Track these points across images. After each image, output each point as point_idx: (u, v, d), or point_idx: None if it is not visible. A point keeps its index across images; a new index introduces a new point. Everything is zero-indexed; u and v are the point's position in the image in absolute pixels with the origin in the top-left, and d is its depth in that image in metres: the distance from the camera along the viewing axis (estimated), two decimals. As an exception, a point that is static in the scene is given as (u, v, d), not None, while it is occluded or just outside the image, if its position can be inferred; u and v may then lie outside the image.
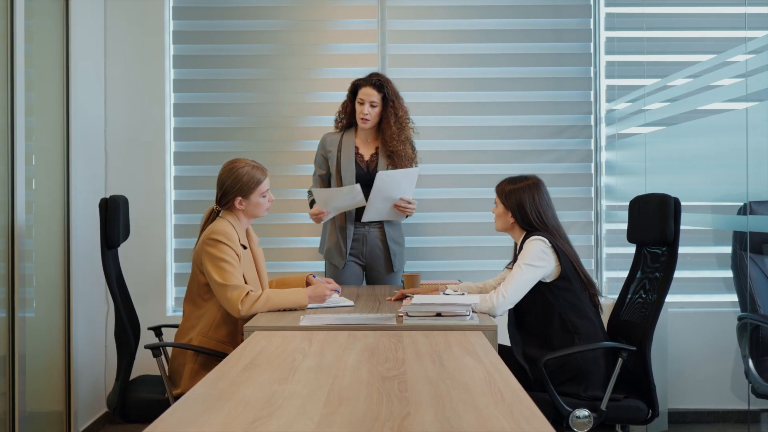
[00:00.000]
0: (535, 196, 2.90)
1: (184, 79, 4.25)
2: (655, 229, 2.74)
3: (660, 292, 2.72)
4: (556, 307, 2.78)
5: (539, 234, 2.82)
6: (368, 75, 3.60)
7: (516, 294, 2.75)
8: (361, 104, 3.55)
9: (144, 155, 4.15)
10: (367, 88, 3.54)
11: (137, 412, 2.78)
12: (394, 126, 3.56)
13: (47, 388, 3.55)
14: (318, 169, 3.73)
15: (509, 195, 2.93)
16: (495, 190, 3.00)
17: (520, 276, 2.74)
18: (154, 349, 2.73)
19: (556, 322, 2.77)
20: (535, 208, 2.89)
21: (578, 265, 2.84)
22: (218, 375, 1.86)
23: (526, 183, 2.93)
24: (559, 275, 2.79)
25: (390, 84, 3.58)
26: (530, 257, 2.76)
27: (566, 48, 4.26)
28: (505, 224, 2.97)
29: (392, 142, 3.56)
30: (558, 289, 2.79)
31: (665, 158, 3.78)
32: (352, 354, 2.09)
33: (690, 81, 3.83)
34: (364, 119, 3.56)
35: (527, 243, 2.81)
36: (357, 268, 3.67)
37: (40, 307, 3.46)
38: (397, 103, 3.58)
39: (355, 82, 3.62)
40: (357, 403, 1.61)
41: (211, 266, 2.74)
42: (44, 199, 3.54)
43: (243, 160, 2.91)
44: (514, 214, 2.91)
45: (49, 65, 3.63)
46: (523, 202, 2.89)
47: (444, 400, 1.64)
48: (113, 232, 2.84)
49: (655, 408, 2.70)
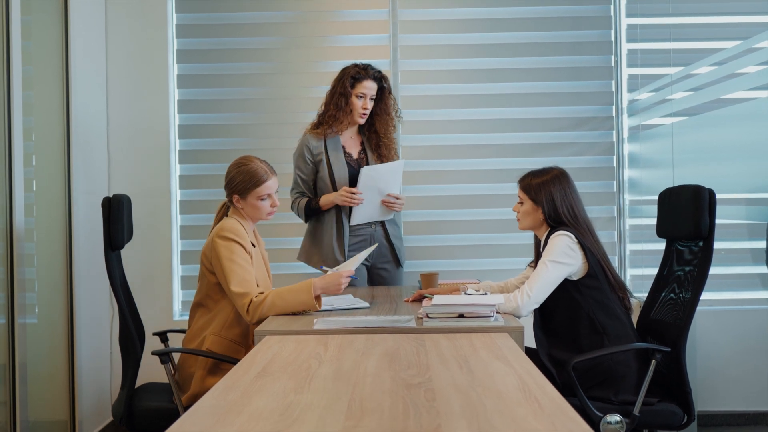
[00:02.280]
0: (566, 188, 2.75)
1: (188, 75, 4.13)
2: (688, 222, 2.60)
3: (695, 289, 2.57)
4: (584, 306, 2.64)
5: (565, 229, 2.67)
6: (363, 66, 3.39)
7: (541, 293, 2.61)
8: (361, 98, 3.37)
9: (148, 154, 4.04)
10: (369, 81, 3.36)
11: (144, 422, 2.67)
12: (388, 114, 3.44)
13: (50, 397, 3.46)
14: (300, 175, 3.45)
15: (538, 189, 2.75)
16: (519, 185, 2.83)
17: (546, 274, 2.60)
18: (162, 356, 2.61)
19: (584, 322, 2.63)
20: (567, 203, 2.73)
21: (607, 264, 2.69)
22: (228, 384, 1.73)
23: (553, 174, 2.77)
24: (587, 273, 2.65)
25: (385, 76, 3.46)
26: (556, 254, 2.61)
27: (585, 36, 4.11)
28: (534, 222, 2.79)
29: (385, 132, 3.44)
30: (585, 287, 2.65)
31: (695, 149, 3.64)
32: (371, 359, 1.96)
33: (715, 69, 3.69)
34: (363, 114, 3.39)
35: (552, 239, 2.67)
36: (362, 268, 3.51)
37: (42, 312, 3.39)
38: (391, 95, 3.49)
39: (353, 75, 3.36)
40: (381, 415, 1.48)
41: (221, 268, 2.63)
42: (45, 200, 3.46)
43: (254, 158, 2.79)
44: (544, 210, 2.74)
45: (48, 62, 3.54)
46: (553, 197, 2.73)
47: (477, 410, 1.50)
48: (117, 232, 2.73)
49: (691, 412, 2.56)
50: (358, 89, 3.35)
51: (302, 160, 3.44)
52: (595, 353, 2.53)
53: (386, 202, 3.38)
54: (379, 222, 3.48)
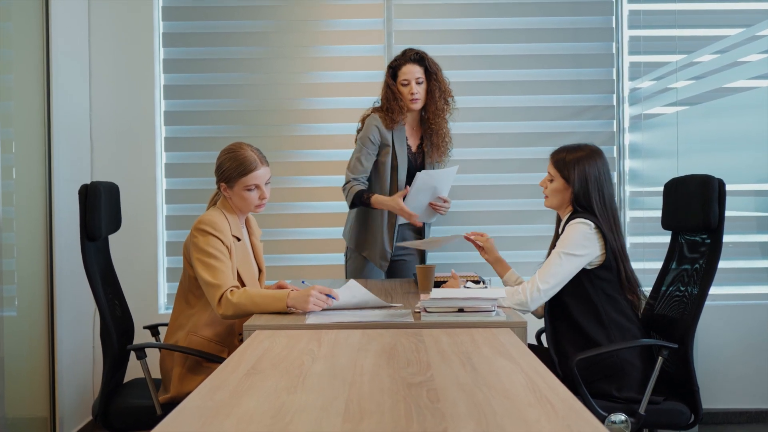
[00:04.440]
0: (600, 168, 2.59)
1: (174, 59, 4.01)
2: (696, 213, 2.50)
3: (703, 283, 2.48)
4: (594, 297, 2.53)
5: (586, 216, 2.53)
6: (401, 52, 3.31)
7: (554, 288, 2.51)
8: (406, 85, 3.24)
9: (132, 141, 3.92)
10: (409, 66, 3.24)
11: (122, 420, 2.55)
12: (439, 101, 3.29)
13: (29, 393, 3.37)
14: (360, 158, 3.30)
15: (572, 166, 2.58)
16: (550, 160, 2.66)
17: (559, 267, 2.49)
18: (138, 351, 2.50)
19: (592, 314, 2.52)
20: (599, 186, 2.57)
21: (623, 259, 2.56)
22: (216, 383, 1.61)
23: (589, 150, 2.61)
24: (602, 264, 2.52)
25: (428, 56, 3.29)
26: (570, 244, 2.49)
27: (586, 22, 4.01)
28: (562, 201, 2.63)
29: (435, 120, 3.30)
30: (597, 278, 2.53)
31: (700, 139, 3.54)
32: (368, 356, 1.85)
33: (719, 56, 3.59)
34: (414, 99, 3.24)
35: (570, 226, 2.53)
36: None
37: (22, 305, 3.31)
38: (440, 75, 3.31)
39: (390, 64, 3.31)
40: (382, 417, 1.38)
41: (196, 260, 2.49)
42: (25, 189, 3.37)
43: (246, 145, 2.64)
44: (574, 190, 2.57)
45: (28, 45, 3.42)
46: (587, 176, 2.57)
47: (485, 411, 1.40)
48: (94, 222, 2.60)
49: (698, 412, 2.47)
50: (400, 77, 3.25)
51: (369, 141, 3.29)
52: (600, 350, 2.43)
53: (434, 205, 3.27)
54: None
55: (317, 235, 3.99)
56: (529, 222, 3.97)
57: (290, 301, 2.40)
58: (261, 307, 2.40)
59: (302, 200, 4.01)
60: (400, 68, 3.25)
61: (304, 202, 4.01)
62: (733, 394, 3.79)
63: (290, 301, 2.40)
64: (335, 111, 3.99)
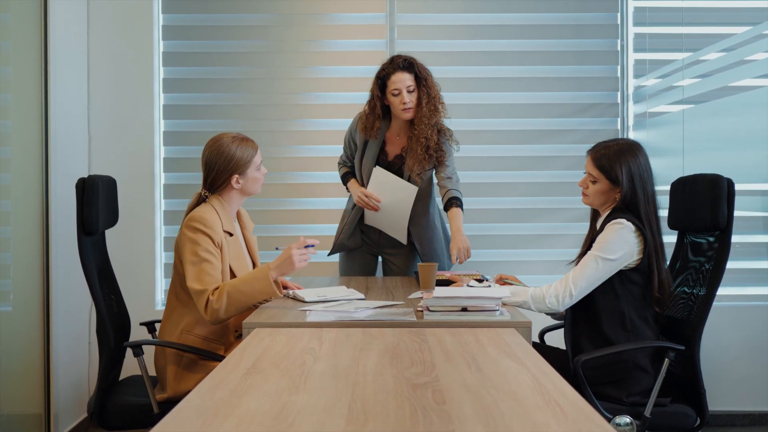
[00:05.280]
0: (643, 166, 2.45)
1: (174, 52, 3.95)
2: (705, 213, 2.46)
3: (710, 284, 2.44)
4: (621, 299, 2.42)
5: (626, 217, 2.40)
6: (389, 60, 3.14)
7: (586, 290, 2.41)
8: (397, 95, 3.08)
9: (131, 135, 3.86)
10: (398, 74, 3.07)
11: (118, 418, 2.50)
12: (425, 107, 3.11)
13: (24, 389, 3.32)
14: (345, 149, 3.41)
15: (617, 165, 2.42)
16: (590, 159, 2.50)
17: (594, 271, 2.38)
18: (135, 348, 2.44)
19: (616, 315, 2.43)
20: (643, 184, 2.43)
21: (661, 260, 2.43)
22: (215, 382, 1.57)
23: (630, 145, 2.47)
24: (636, 267, 2.41)
25: (417, 61, 3.13)
26: (608, 248, 2.37)
27: (590, 19, 3.95)
28: (606, 200, 2.50)
29: (419, 126, 3.11)
30: (629, 281, 2.42)
31: (707, 137, 3.50)
32: (370, 355, 1.81)
33: (725, 55, 3.55)
34: (406, 109, 3.09)
35: (609, 226, 2.40)
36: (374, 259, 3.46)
37: (17, 299, 3.26)
38: (429, 81, 3.13)
39: (379, 73, 3.13)
40: (387, 419, 1.34)
41: (185, 261, 2.44)
42: (22, 182, 3.32)
43: (226, 135, 2.61)
44: (624, 190, 2.42)
45: (26, 37, 3.37)
46: (633, 175, 2.42)
47: (493, 414, 1.36)
48: (91, 216, 2.55)
49: (704, 414, 2.42)
50: (390, 87, 3.09)
51: (345, 142, 3.39)
52: (606, 350, 2.37)
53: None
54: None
55: (316, 232, 3.94)
56: (532, 220, 3.93)
57: (274, 273, 2.37)
58: (247, 294, 2.35)
59: (301, 196, 3.96)
60: (389, 77, 3.09)
61: (303, 198, 3.96)
62: (737, 396, 3.74)
63: (274, 272, 2.37)
64: (336, 106, 3.94)
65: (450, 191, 3.18)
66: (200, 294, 2.37)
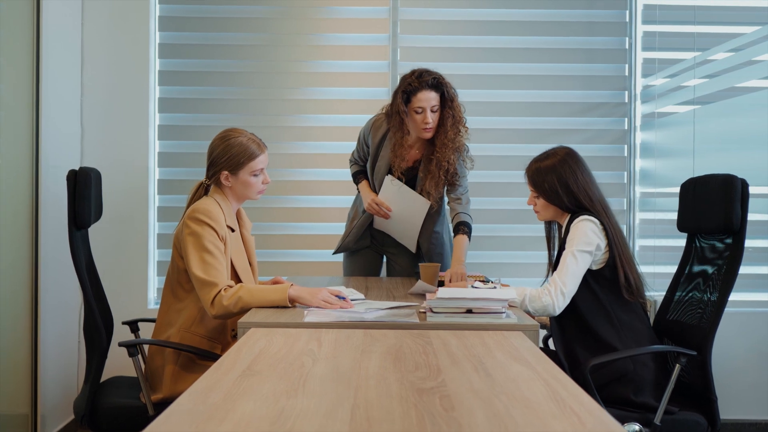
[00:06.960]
0: (576, 171, 2.52)
1: (171, 43, 3.88)
2: (717, 215, 2.39)
3: (723, 289, 2.37)
4: (602, 298, 2.44)
5: (589, 214, 2.47)
6: (417, 74, 2.96)
7: (575, 288, 2.42)
8: (420, 113, 2.94)
9: (125, 128, 3.78)
10: (425, 92, 2.91)
11: (109, 420, 2.41)
12: (450, 130, 2.97)
13: (10, 388, 3.25)
14: (357, 149, 3.31)
15: (546, 175, 2.53)
16: (527, 177, 2.61)
17: (575, 266, 2.40)
18: (130, 347, 2.35)
19: (601, 315, 2.44)
20: (585, 189, 2.51)
21: (626, 262, 2.46)
22: (209, 384, 1.48)
23: (561, 156, 2.54)
24: (606, 264, 2.44)
25: (445, 80, 2.99)
26: (580, 241, 2.41)
27: (598, 16, 3.89)
28: (555, 213, 2.60)
29: (443, 150, 2.98)
30: (603, 278, 2.45)
31: (718, 138, 3.42)
32: (372, 358, 1.73)
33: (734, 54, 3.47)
34: (426, 128, 2.96)
35: (575, 225, 2.46)
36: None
37: (3, 297, 3.17)
38: (456, 102, 2.99)
39: (404, 88, 2.95)
40: (392, 425, 1.25)
41: (189, 253, 2.37)
42: (10, 175, 3.23)
43: (240, 131, 2.56)
44: (565, 200, 2.51)
45: (17, 24, 3.29)
46: (568, 184, 2.50)
47: (505, 422, 1.27)
48: (83, 209, 2.48)
49: (715, 423, 2.36)
50: (414, 103, 2.94)
51: (359, 141, 3.28)
52: (616, 355, 2.32)
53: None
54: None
55: (315, 231, 3.86)
56: (537, 221, 3.84)
57: (293, 292, 2.29)
58: (258, 299, 2.29)
59: (300, 194, 3.89)
60: (415, 94, 2.93)
61: (302, 195, 3.89)
62: (747, 405, 3.67)
63: (293, 291, 2.29)
64: (336, 102, 3.87)
65: (459, 215, 3.10)
66: (207, 285, 2.31)
